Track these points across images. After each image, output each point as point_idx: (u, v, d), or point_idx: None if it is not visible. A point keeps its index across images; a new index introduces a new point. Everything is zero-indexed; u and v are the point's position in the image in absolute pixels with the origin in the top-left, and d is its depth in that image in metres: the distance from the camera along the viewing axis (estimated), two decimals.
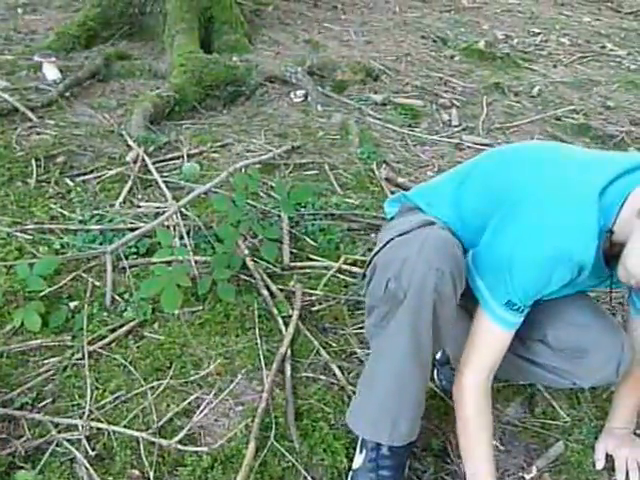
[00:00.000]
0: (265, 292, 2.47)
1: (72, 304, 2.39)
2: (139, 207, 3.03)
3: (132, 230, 2.75)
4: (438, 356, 2.24)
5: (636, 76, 5.73)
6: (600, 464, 2.02)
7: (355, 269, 2.68)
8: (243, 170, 3.30)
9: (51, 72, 4.15)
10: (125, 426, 1.94)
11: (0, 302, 2.31)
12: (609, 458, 2.04)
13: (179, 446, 1.87)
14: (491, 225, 1.66)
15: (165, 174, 3.33)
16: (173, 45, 4.43)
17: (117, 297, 2.43)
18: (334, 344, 2.33)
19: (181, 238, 2.71)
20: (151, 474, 1.81)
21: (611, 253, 1.58)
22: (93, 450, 1.86)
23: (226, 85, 4.31)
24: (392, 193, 3.35)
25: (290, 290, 2.54)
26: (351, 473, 1.87)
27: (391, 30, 6.07)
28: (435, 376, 2.23)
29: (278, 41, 5.22)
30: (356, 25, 6.06)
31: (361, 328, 2.34)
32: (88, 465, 1.82)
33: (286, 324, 2.33)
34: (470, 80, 5.17)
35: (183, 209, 2.90)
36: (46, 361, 2.16)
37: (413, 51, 5.58)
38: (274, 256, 2.55)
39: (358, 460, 1.86)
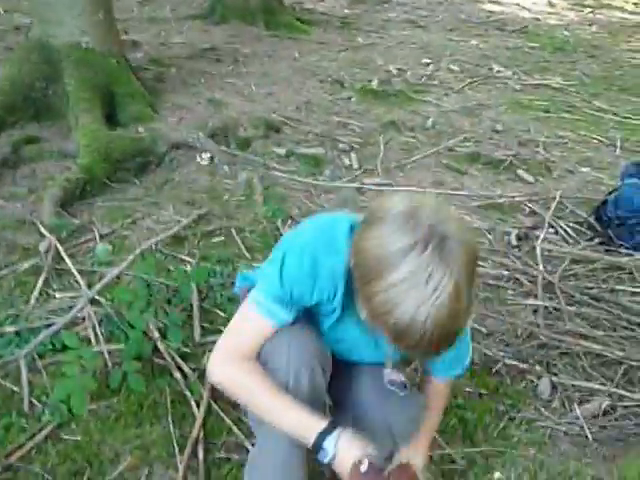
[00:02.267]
0: (177, 374, 2.50)
1: None
2: (55, 298, 3.02)
3: (48, 326, 2.75)
4: None
5: (522, 96, 5.93)
6: None
7: None
8: (153, 247, 3.33)
9: None
10: None
11: None
12: None
13: None
14: None
15: (80, 259, 3.32)
16: (78, 125, 4.42)
17: (35, 400, 2.43)
18: (246, 420, 2.36)
19: (94, 328, 2.72)
20: None
21: None
22: None
23: (134, 157, 4.31)
24: None
25: (203, 368, 2.57)
26: None
27: (290, 78, 6.13)
28: None
29: (181, 105, 5.23)
30: (257, 77, 6.11)
31: None
32: None
33: (198, 405, 2.36)
34: (367, 120, 5.27)
35: (97, 296, 2.91)
36: None
37: (312, 97, 5.66)
38: (180, 339, 2.58)
39: None
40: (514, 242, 3.60)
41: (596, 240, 3.62)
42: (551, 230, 3.73)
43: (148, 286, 2.98)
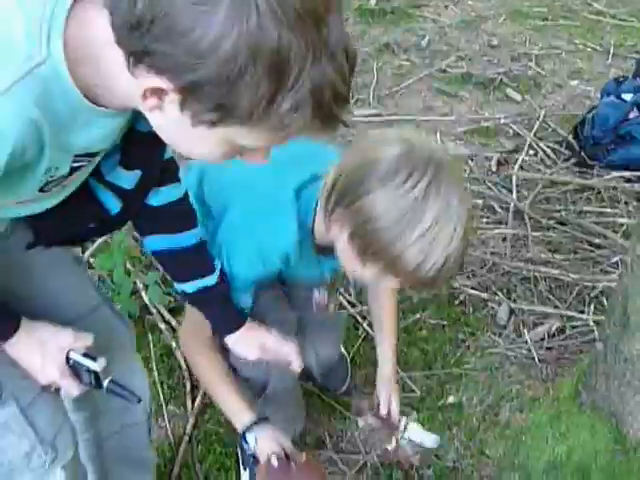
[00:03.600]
0: (164, 329, 2.89)
1: None
2: None
3: None
4: None
5: (522, 3, 6.02)
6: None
7: None
8: None
9: None
10: None
11: None
12: None
13: None
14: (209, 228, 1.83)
15: None
16: None
17: None
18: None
19: None
20: None
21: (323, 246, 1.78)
22: None
23: None
24: None
25: None
26: None
27: None
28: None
29: None
30: None
31: None
32: None
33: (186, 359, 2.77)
34: (362, 44, 5.45)
35: (91, 260, 3.30)
36: None
37: None
38: (157, 298, 2.95)
39: (244, 476, 2.28)
40: (494, 168, 3.88)
41: (572, 160, 3.88)
42: (532, 152, 3.99)
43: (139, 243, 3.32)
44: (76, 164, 1.17)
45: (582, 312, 2.92)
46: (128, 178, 1.37)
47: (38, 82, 0.98)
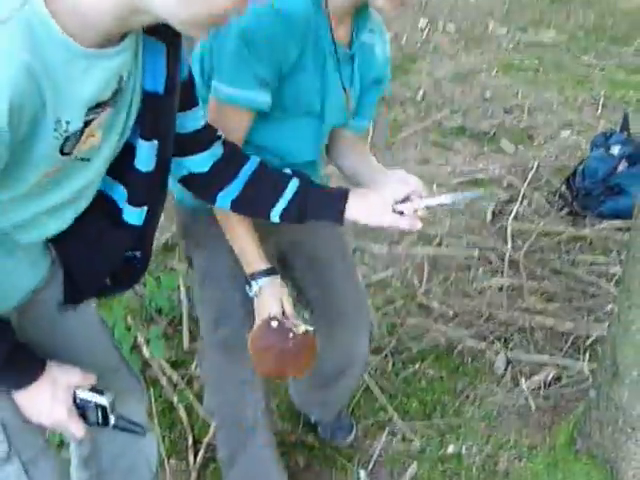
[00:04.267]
0: (166, 384, 2.93)
1: None
2: None
3: None
4: None
5: (514, 56, 6.20)
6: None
7: None
8: None
9: None
10: None
11: None
12: None
13: None
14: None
15: None
16: None
17: None
18: None
19: None
20: None
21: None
22: None
23: None
24: None
25: (192, 374, 3.01)
26: None
27: None
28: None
29: None
30: None
31: None
32: None
33: (187, 412, 2.81)
34: None
35: None
36: None
37: None
38: (162, 353, 2.99)
39: None
40: (489, 218, 3.96)
41: (565, 210, 3.97)
42: (525, 202, 4.08)
43: (140, 297, 3.37)
44: (88, 117, 1.18)
45: (577, 360, 2.96)
46: (148, 153, 1.39)
47: (22, 27, 0.99)
